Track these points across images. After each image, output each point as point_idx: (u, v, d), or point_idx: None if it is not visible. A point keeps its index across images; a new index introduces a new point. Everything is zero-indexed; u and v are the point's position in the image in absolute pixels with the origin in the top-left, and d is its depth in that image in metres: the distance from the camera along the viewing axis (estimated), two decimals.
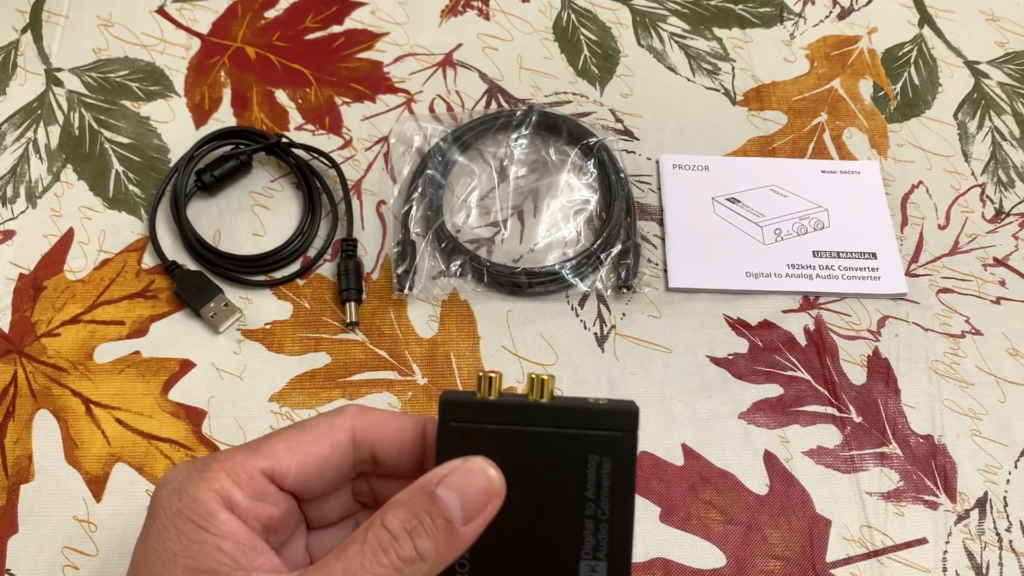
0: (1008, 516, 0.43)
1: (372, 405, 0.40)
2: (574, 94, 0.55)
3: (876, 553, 0.42)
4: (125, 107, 0.54)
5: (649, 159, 0.53)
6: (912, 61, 0.58)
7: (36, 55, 0.56)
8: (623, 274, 0.48)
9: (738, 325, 0.48)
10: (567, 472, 0.30)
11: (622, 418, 0.30)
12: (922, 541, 0.42)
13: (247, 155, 0.51)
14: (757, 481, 0.43)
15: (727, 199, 0.51)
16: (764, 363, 0.47)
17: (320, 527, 0.33)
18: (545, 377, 0.31)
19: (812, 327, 0.48)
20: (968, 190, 0.53)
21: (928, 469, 0.44)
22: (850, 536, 0.42)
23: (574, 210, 0.51)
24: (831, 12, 0.60)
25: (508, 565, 0.30)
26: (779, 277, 0.49)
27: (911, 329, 0.48)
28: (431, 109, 0.54)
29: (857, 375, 0.46)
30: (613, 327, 0.47)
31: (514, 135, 0.53)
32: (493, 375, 0.30)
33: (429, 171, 0.51)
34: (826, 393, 0.46)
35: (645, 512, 0.42)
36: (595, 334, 0.47)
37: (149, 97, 0.55)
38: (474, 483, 0.28)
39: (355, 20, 0.58)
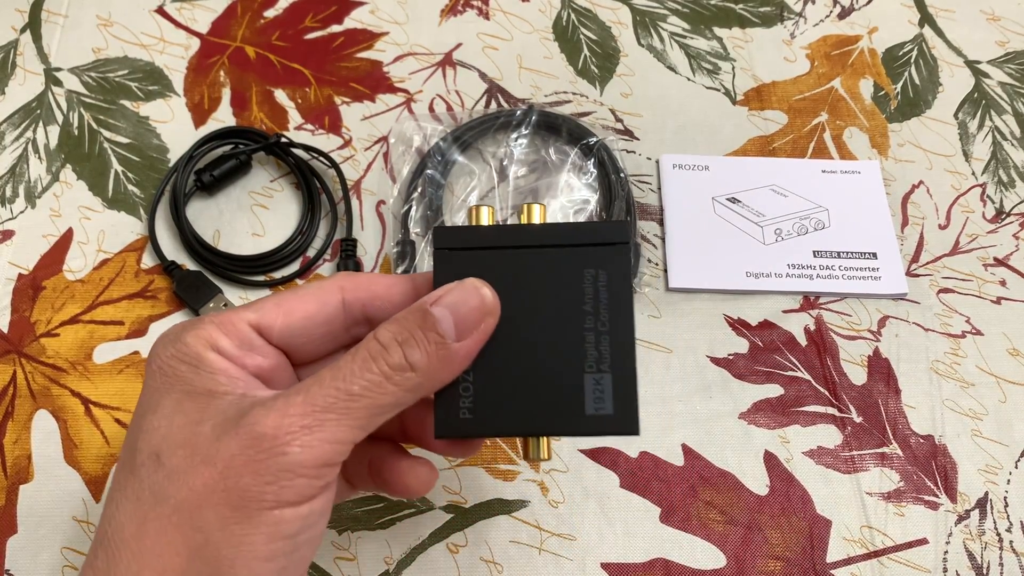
0: (1008, 516, 0.43)
1: None
2: (574, 94, 0.55)
3: (876, 553, 0.42)
4: (124, 107, 0.54)
5: (649, 159, 0.53)
6: (912, 61, 0.58)
7: (35, 55, 0.56)
8: None
9: (738, 325, 0.48)
10: (564, 288, 0.30)
11: (614, 230, 0.30)
12: (922, 541, 0.42)
13: (246, 155, 0.51)
14: (757, 481, 0.43)
15: (727, 199, 0.51)
16: (764, 363, 0.47)
17: None
18: (538, 205, 0.31)
19: (812, 327, 0.48)
20: (969, 190, 0.53)
21: (928, 469, 0.44)
22: (850, 536, 0.42)
23: (574, 210, 0.51)
24: (831, 12, 0.60)
25: (512, 382, 0.30)
26: (779, 277, 0.49)
27: (911, 329, 0.48)
28: (431, 109, 0.54)
29: (857, 375, 0.46)
30: None
31: (514, 135, 0.53)
32: (485, 207, 0.31)
33: (429, 171, 0.51)
34: (826, 393, 0.46)
35: (645, 512, 0.42)
36: None
37: (148, 97, 0.55)
38: (467, 301, 0.29)
39: (355, 20, 0.58)
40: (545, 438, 0.30)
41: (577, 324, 0.30)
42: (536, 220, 0.31)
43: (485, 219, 0.31)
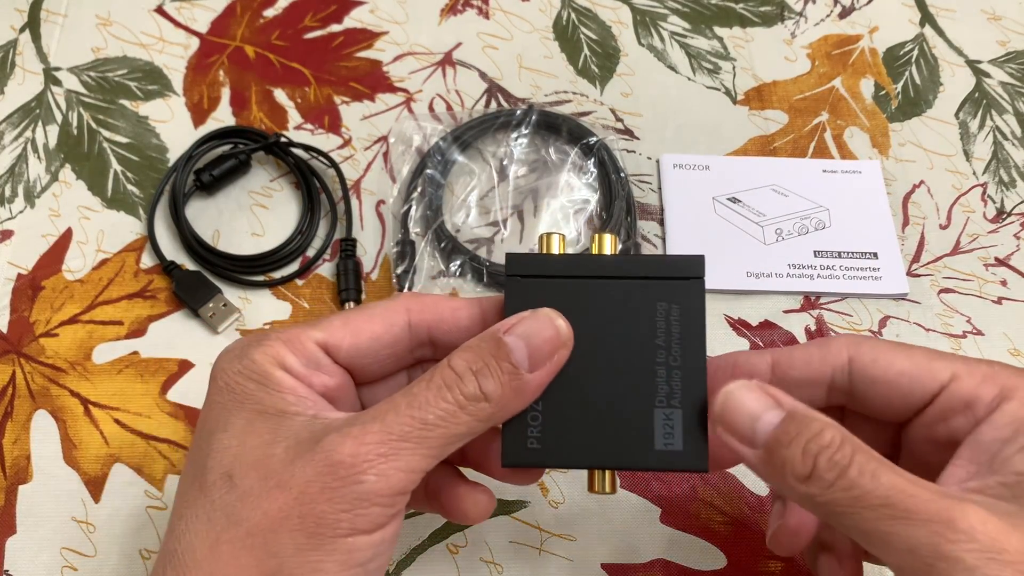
0: None
1: None
2: (574, 93, 0.55)
3: None
4: (124, 106, 0.54)
5: (649, 159, 0.53)
6: (913, 60, 0.58)
7: (34, 54, 0.56)
8: None
9: (739, 325, 0.48)
10: (636, 320, 0.30)
11: (689, 264, 0.31)
12: None
13: (246, 154, 0.51)
14: (757, 481, 0.43)
15: (728, 199, 0.51)
16: None
17: None
18: (609, 235, 0.31)
19: (813, 327, 0.48)
20: (969, 190, 0.53)
21: None
22: None
23: (574, 210, 0.50)
24: (832, 11, 0.60)
25: (580, 414, 0.30)
26: (780, 277, 0.49)
27: (912, 329, 0.48)
28: (431, 108, 0.54)
29: None
30: None
31: (514, 134, 0.53)
32: (556, 234, 0.31)
33: (429, 171, 0.51)
34: None
35: (645, 513, 0.42)
36: None
37: (148, 96, 0.54)
38: (541, 332, 0.29)
39: (354, 19, 0.58)
40: (610, 471, 0.30)
41: (648, 357, 0.30)
42: (607, 250, 0.31)
43: (556, 247, 0.31)
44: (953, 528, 0.24)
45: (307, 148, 0.51)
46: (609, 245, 0.32)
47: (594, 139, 0.52)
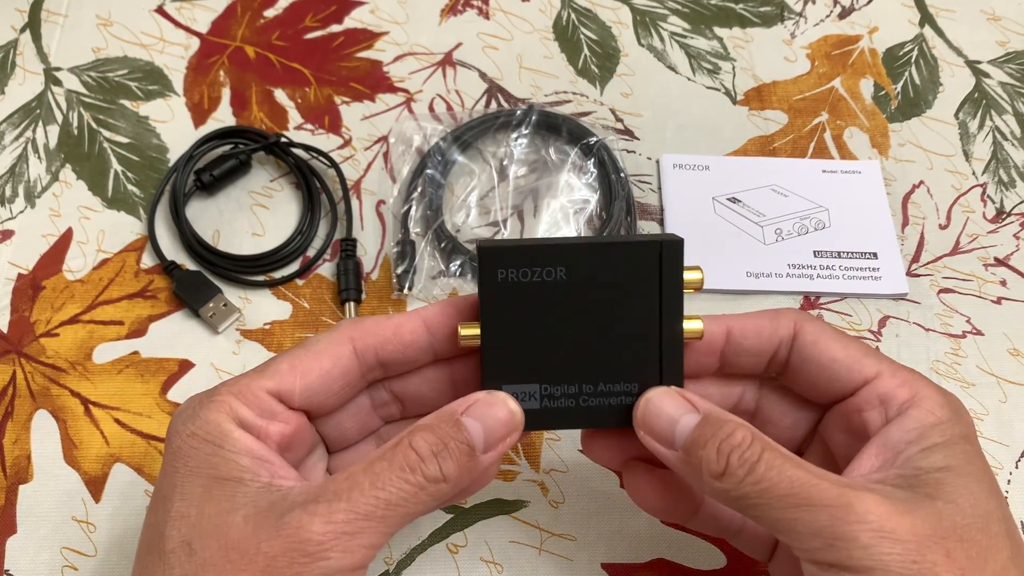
0: None
1: None
2: (574, 93, 0.55)
3: None
4: (124, 106, 0.54)
5: (649, 159, 0.53)
6: (913, 60, 0.58)
7: (35, 54, 0.56)
8: None
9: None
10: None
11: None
12: None
13: (246, 155, 0.51)
14: None
15: (728, 199, 0.51)
16: None
17: (341, 448, 0.35)
18: None
19: None
20: (969, 190, 0.53)
21: None
22: None
23: (574, 210, 0.51)
24: (832, 11, 0.60)
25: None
26: (780, 277, 0.49)
27: (912, 329, 0.48)
28: (431, 108, 0.54)
29: None
30: None
31: (514, 135, 0.53)
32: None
33: (429, 171, 0.51)
34: None
35: (646, 512, 0.42)
36: None
37: (148, 96, 0.54)
38: (496, 415, 0.30)
39: (354, 19, 0.58)
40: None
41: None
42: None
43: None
44: (851, 511, 0.26)
45: (307, 148, 0.51)
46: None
47: (594, 139, 0.52)
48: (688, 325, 0.32)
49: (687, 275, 0.31)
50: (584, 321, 0.31)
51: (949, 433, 0.29)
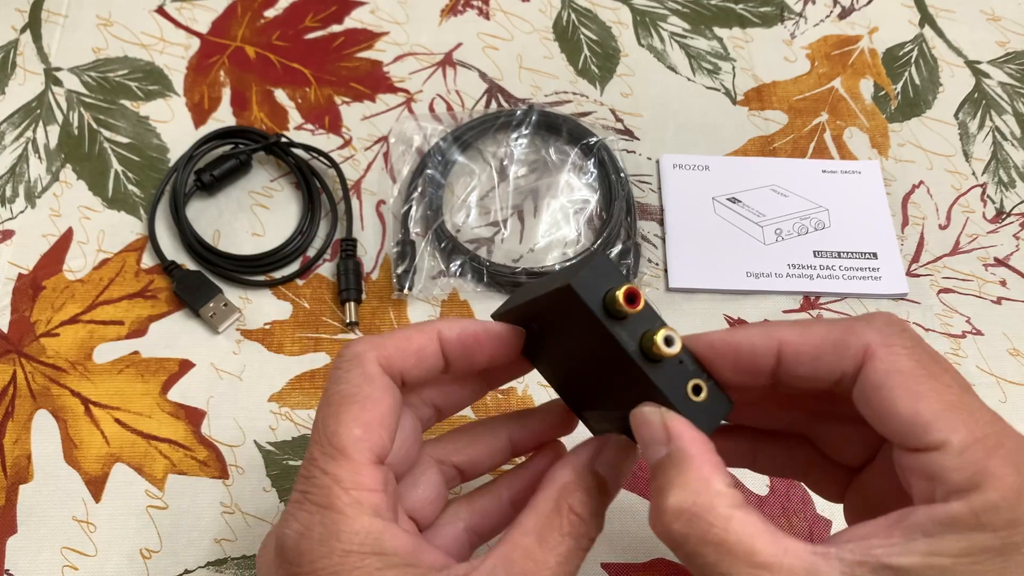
0: None
1: None
2: (574, 94, 0.55)
3: None
4: (124, 106, 0.54)
5: (649, 159, 0.53)
6: (913, 61, 0.58)
7: (35, 54, 0.56)
8: (624, 274, 0.48)
9: (739, 325, 0.48)
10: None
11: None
12: None
13: (246, 155, 0.51)
14: (758, 481, 0.43)
15: (727, 199, 0.51)
16: None
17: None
18: None
19: None
20: (969, 190, 0.53)
21: None
22: None
23: (574, 210, 0.51)
24: (832, 12, 0.60)
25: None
26: (780, 277, 0.49)
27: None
28: (431, 109, 0.54)
29: None
30: None
31: (514, 135, 0.53)
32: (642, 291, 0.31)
33: (429, 171, 0.51)
34: None
35: (645, 513, 0.42)
36: None
37: (148, 97, 0.54)
38: (618, 461, 0.31)
39: (355, 19, 0.58)
40: None
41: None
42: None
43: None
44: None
45: (307, 148, 0.51)
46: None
47: (594, 139, 0.52)
48: (659, 338, 0.28)
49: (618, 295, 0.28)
50: (582, 361, 0.30)
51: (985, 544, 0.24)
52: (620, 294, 0.27)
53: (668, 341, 0.27)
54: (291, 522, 0.28)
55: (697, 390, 0.28)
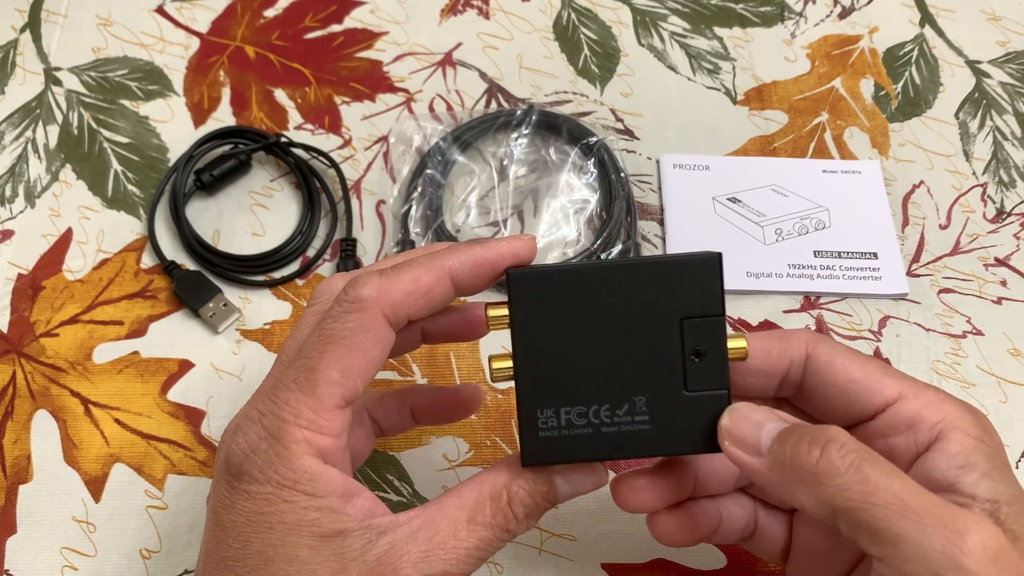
0: None
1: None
2: (574, 93, 0.55)
3: None
4: (124, 106, 0.54)
5: (649, 159, 0.53)
6: (913, 60, 0.58)
7: (35, 54, 0.56)
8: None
9: (739, 325, 0.48)
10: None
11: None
12: None
13: (246, 155, 0.51)
14: None
15: (728, 199, 0.51)
16: None
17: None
18: None
19: (813, 327, 0.48)
20: (969, 190, 0.53)
21: None
22: None
23: (574, 210, 0.50)
24: (832, 11, 0.60)
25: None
26: (780, 277, 0.49)
27: (912, 329, 0.48)
28: (431, 108, 0.54)
29: None
30: None
31: (514, 135, 0.53)
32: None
33: (429, 171, 0.51)
34: None
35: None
36: None
37: (148, 96, 0.54)
38: (584, 481, 0.33)
39: (355, 19, 0.58)
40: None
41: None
42: None
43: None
44: (965, 539, 0.24)
45: (307, 148, 0.51)
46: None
47: (594, 139, 0.52)
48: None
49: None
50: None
51: (991, 456, 0.28)
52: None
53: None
54: (240, 437, 0.29)
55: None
